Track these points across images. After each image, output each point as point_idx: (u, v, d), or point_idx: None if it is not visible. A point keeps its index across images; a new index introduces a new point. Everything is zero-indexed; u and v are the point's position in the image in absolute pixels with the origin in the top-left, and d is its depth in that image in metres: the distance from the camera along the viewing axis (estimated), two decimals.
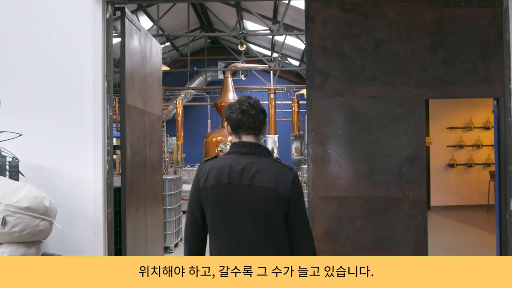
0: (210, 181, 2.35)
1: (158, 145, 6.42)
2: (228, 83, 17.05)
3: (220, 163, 2.39)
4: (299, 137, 16.81)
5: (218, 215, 2.34)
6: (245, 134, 2.43)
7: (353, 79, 4.58)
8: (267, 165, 2.37)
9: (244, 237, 2.31)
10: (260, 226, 2.30)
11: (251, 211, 2.30)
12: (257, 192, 2.30)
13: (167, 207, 7.48)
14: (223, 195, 2.33)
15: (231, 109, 2.43)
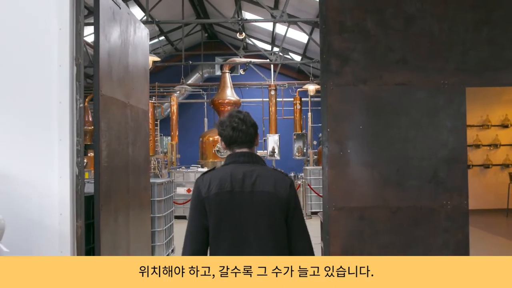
0: (212, 190, 2.48)
1: (144, 144, 5.64)
2: (226, 79, 16.26)
3: (220, 173, 2.53)
4: (301, 136, 16.03)
5: (222, 222, 2.46)
6: (238, 149, 2.59)
7: (378, 63, 3.80)
8: (265, 171, 2.55)
9: (248, 241, 2.43)
10: (263, 230, 2.44)
11: (254, 215, 2.45)
12: (259, 197, 2.46)
13: (155, 215, 6.70)
14: (226, 202, 2.46)
15: (223, 126, 2.58)
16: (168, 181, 7.34)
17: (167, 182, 7.27)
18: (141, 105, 5.50)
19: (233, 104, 16.06)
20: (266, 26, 16.58)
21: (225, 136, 2.59)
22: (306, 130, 16.76)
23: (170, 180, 7.60)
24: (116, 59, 4.51)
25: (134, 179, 5.14)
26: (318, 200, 13.15)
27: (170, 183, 7.54)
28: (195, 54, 20.52)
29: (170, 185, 7.48)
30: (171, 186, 7.54)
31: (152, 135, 15.43)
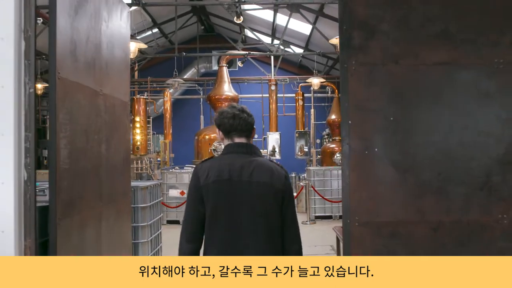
0: (211, 178, 2.59)
1: (122, 141, 4.84)
2: (223, 73, 15.43)
3: (219, 162, 2.66)
4: (304, 135, 15.24)
5: (219, 209, 2.58)
6: (237, 137, 2.70)
7: (413, 36, 3.00)
8: (262, 162, 2.67)
9: (244, 228, 2.56)
10: (259, 217, 2.58)
11: (250, 204, 2.58)
12: (256, 186, 2.59)
13: (138, 224, 5.89)
14: (224, 190, 2.58)
15: (223, 115, 2.71)
16: (155, 185, 6.53)
17: (154, 185, 6.46)
18: (119, 95, 4.70)
19: (231, 100, 15.23)
20: (266, 17, 15.77)
21: (224, 124, 2.68)
22: (309, 128, 15.96)
23: (157, 183, 6.78)
24: (83, 35, 3.70)
25: (109, 183, 4.34)
26: (322, 203, 12.36)
27: (157, 186, 6.73)
28: (190, 48, 19.70)
29: (157, 189, 6.68)
30: (158, 189, 6.74)
31: (144, 133, 14.64)
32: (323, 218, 12.39)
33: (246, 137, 2.71)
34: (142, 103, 14.72)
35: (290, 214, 2.70)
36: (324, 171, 12.57)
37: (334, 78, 16.24)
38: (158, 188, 6.83)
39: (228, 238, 2.56)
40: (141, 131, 14.62)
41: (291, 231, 2.70)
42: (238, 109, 2.72)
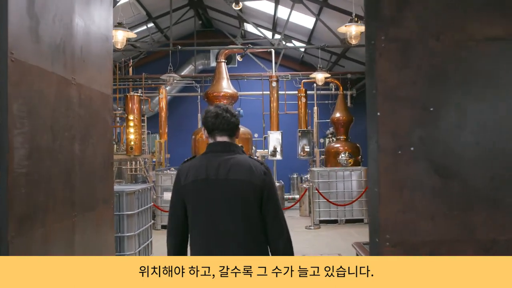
0: (189, 178, 2.72)
1: (103, 141, 4.23)
2: (221, 69, 14.81)
3: (198, 162, 2.77)
4: (306, 134, 14.63)
5: (198, 208, 2.71)
6: (219, 136, 2.78)
7: (460, 4, 2.39)
8: (241, 160, 2.73)
9: (223, 226, 2.65)
10: (237, 215, 2.65)
11: (228, 202, 2.66)
12: (233, 184, 2.66)
13: (124, 234, 5.29)
14: (202, 190, 2.69)
15: (207, 114, 2.82)
16: (144, 189, 5.92)
17: (142, 190, 5.85)
18: (98, 86, 4.09)
19: (230, 97, 14.62)
20: (267, 9, 15.17)
21: (207, 123, 2.79)
22: (312, 126, 15.35)
23: (147, 187, 6.17)
24: (49, 10, 3.09)
25: (86, 189, 3.73)
26: (327, 206, 11.74)
27: (147, 190, 6.12)
28: (187, 44, 19.08)
29: (147, 193, 6.07)
30: (148, 194, 6.13)
31: (138, 133, 14.03)
32: (328, 222, 11.78)
33: (229, 136, 2.79)
34: (136, 101, 14.11)
35: (272, 211, 2.73)
36: (329, 172, 11.96)
37: (338, 74, 15.64)
38: (148, 192, 6.23)
39: (208, 238, 2.67)
40: (135, 130, 14.00)
41: (275, 227, 2.74)
42: (222, 109, 2.80)
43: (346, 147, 14.24)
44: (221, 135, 2.77)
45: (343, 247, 9.29)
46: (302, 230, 11.17)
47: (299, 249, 9.20)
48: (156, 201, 11.59)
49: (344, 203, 11.65)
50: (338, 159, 14.01)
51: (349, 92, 16.09)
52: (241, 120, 3.04)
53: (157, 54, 18.85)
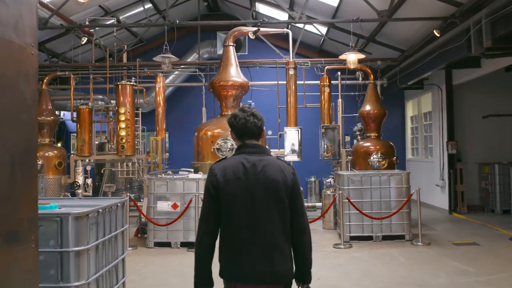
0: (227, 176, 2.96)
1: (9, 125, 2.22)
2: (229, 54, 12.79)
3: (233, 161, 3.04)
4: (332, 130, 12.56)
5: (237, 204, 2.95)
6: (248, 139, 3.10)
7: None
8: (272, 161, 3.05)
9: (260, 221, 2.93)
10: (272, 211, 2.95)
11: (265, 198, 2.95)
12: (268, 182, 2.96)
13: (70, 284, 3.28)
14: (240, 187, 2.95)
15: (236, 119, 3.10)
16: (109, 207, 3.91)
17: (109, 208, 3.84)
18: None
19: (239, 87, 12.59)
20: None
21: (238, 128, 3.09)
22: (336, 122, 13.28)
23: (118, 203, 4.17)
24: None
25: None
26: (360, 219, 9.69)
27: (118, 208, 4.11)
28: (191, 29, 17.13)
29: (116, 212, 4.06)
30: (120, 213, 4.13)
31: (131, 129, 12.04)
32: (361, 239, 9.72)
33: (256, 139, 3.13)
34: (129, 91, 12.11)
35: (300, 208, 3.05)
36: (362, 177, 9.88)
37: (366, 61, 13.55)
38: (119, 210, 4.22)
39: (247, 230, 2.93)
40: (127, 126, 12.01)
41: (301, 222, 3.04)
42: (249, 114, 3.09)
43: (378, 146, 12.15)
44: (250, 139, 3.10)
45: (387, 276, 7.23)
46: (330, 250, 9.11)
47: (330, 279, 7.10)
48: (148, 213, 9.63)
49: (381, 216, 9.59)
50: (369, 161, 11.93)
51: (379, 82, 13.99)
52: None
53: (157, 41, 16.89)
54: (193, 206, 9.27)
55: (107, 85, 13.45)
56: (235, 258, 2.92)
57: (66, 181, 12.61)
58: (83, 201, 4.60)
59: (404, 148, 18.04)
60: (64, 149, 13.33)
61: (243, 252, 2.91)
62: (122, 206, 4.46)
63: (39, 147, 12.60)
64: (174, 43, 12.29)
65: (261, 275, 2.89)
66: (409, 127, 18.15)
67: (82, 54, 15.54)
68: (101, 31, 15.06)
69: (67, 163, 12.76)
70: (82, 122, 12.46)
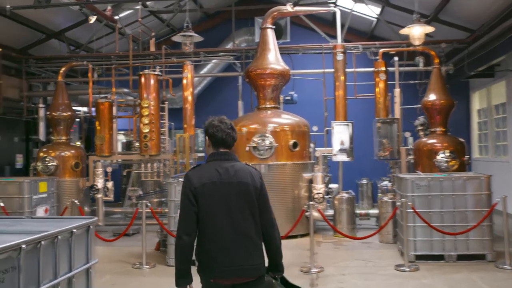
0: (203, 180, 3.27)
1: None
2: (267, 37, 11.18)
3: (208, 167, 3.37)
4: (388, 125, 10.72)
5: (214, 206, 3.25)
6: (223, 149, 3.44)
7: None
8: (242, 166, 3.41)
9: (235, 220, 3.27)
10: (245, 211, 3.31)
11: (238, 200, 3.30)
12: (240, 186, 3.32)
13: None
14: (215, 190, 3.27)
15: (215, 129, 3.40)
16: (56, 236, 2.35)
17: (63, 236, 2.27)
18: None
19: (279, 76, 10.97)
20: None
21: (217, 139, 3.39)
22: (392, 115, 11.41)
23: (74, 229, 2.62)
24: None
25: None
26: (428, 233, 7.85)
27: (74, 237, 2.55)
28: (226, 16, 15.60)
29: (75, 243, 2.50)
30: (82, 243, 2.58)
31: (155, 125, 10.60)
32: (430, 258, 7.86)
33: (230, 148, 3.46)
34: (153, 82, 10.67)
35: (267, 206, 3.42)
36: (430, 182, 8.02)
37: (428, 43, 11.61)
38: (77, 239, 2.66)
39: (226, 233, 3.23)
40: (151, 122, 10.58)
41: (269, 217, 3.41)
42: (229, 127, 3.42)
43: (445, 143, 10.21)
44: (225, 148, 3.42)
45: None
46: (392, 273, 7.31)
47: None
48: (168, 223, 8.11)
49: (455, 231, 7.72)
50: (435, 161, 10.03)
51: (444, 68, 11.99)
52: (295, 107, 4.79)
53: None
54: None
55: (130, 76, 12.07)
56: (214, 255, 3.22)
57: (84, 184, 11.30)
58: (33, 224, 3.11)
59: (470, 146, 15.87)
60: (82, 148, 12.05)
61: (222, 249, 3.22)
62: (87, 231, 2.90)
63: (53, 146, 11.35)
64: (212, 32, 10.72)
65: (239, 269, 3.22)
66: (476, 121, 15.95)
67: (107, 45, 14.27)
68: (125, 19, 13.72)
69: (86, 164, 11.46)
70: (102, 118, 11.12)
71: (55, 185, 9.93)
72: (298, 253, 8.77)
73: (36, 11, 11.12)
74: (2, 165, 12.72)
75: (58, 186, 10.36)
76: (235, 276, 3.22)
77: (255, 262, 3.26)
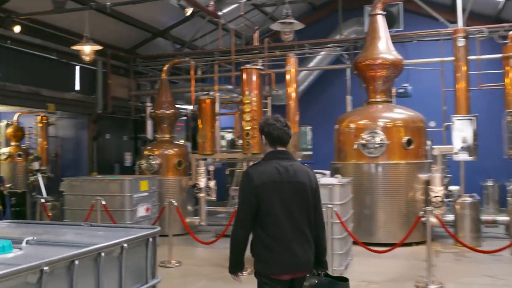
0: (264, 179, 3.38)
1: None
2: (377, 24, 10.28)
3: (267, 166, 3.46)
4: None
5: (274, 204, 3.38)
6: (280, 147, 3.55)
7: None
8: (300, 166, 3.56)
9: (294, 218, 3.42)
10: (302, 210, 3.45)
11: (296, 199, 3.44)
12: (299, 186, 3.46)
13: None
14: (276, 189, 3.39)
15: (271, 127, 3.53)
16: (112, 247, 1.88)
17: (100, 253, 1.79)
18: None
19: (390, 66, 10.03)
20: None
21: (274, 136, 3.51)
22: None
23: (125, 243, 2.15)
24: None
25: None
26: None
27: (125, 251, 2.09)
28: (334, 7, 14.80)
29: (126, 257, 2.04)
30: (141, 256, 2.11)
31: (257, 121, 10.14)
32: None
33: (285, 146, 3.58)
34: (255, 77, 10.23)
35: (320, 207, 3.61)
36: None
37: None
38: (131, 253, 2.19)
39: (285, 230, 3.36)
40: (253, 118, 10.14)
41: (321, 219, 3.63)
42: (284, 125, 3.53)
43: None
44: (282, 146, 3.53)
45: None
46: None
47: None
48: None
49: None
50: None
51: None
52: (409, 101, 4.10)
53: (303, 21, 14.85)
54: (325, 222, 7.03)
55: (232, 72, 11.76)
56: (276, 251, 3.37)
57: (187, 183, 11.18)
58: (86, 234, 2.70)
59: None
60: (185, 146, 11.99)
61: (284, 246, 3.38)
62: (146, 243, 2.42)
63: (157, 144, 11.37)
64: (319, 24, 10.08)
65: (298, 264, 3.42)
66: None
67: (211, 43, 14.15)
68: (229, 15, 13.48)
69: (188, 163, 11.35)
70: (204, 115, 10.88)
71: (157, 184, 9.88)
72: (412, 264, 7.81)
73: (143, 11, 11.22)
74: (112, 163, 13.09)
75: (161, 185, 10.33)
76: (296, 271, 3.44)
77: (310, 257, 3.49)
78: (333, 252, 6.97)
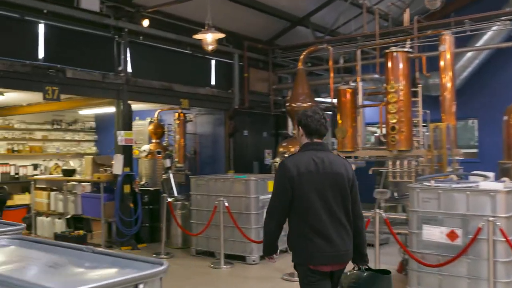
0: (300, 170, 3.43)
1: None
2: None
3: (304, 157, 3.52)
4: None
5: (312, 195, 3.42)
6: (316, 138, 3.60)
7: None
8: (336, 157, 3.60)
9: (332, 209, 3.43)
10: (339, 201, 3.46)
11: (333, 189, 3.44)
12: (336, 176, 3.46)
13: None
14: (312, 180, 3.42)
15: (309, 119, 3.58)
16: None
17: None
18: None
19: None
20: None
21: (312, 128, 3.56)
22: None
23: None
24: None
25: None
26: None
27: None
28: None
29: None
30: None
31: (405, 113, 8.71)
32: None
33: (322, 138, 3.62)
34: (402, 61, 8.80)
35: (357, 197, 3.58)
36: None
37: None
38: None
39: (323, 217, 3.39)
40: (400, 110, 8.74)
41: (359, 209, 3.60)
42: (322, 117, 3.58)
43: None
44: (318, 138, 3.59)
45: None
46: None
47: None
48: (410, 242, 6.22)
49: None
50: None
51: None
52: None
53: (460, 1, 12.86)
54: (484, 239, 5.49)
55: (377, 58, 10.39)
56: (316, 242, 3.38)
57: None
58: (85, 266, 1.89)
59: None
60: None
61: (324, 236, 3.38)
62: None
63: (293, 141, 10.51)
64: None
65: (338, 255, 3.43)
66: None
67: (356, 30, 12.81)
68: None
69: None
70: (343, 108, 9.76)
71: None
72: None
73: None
74: (251, 160, 12.56)
75: None
76: (335, 262, 3.46)
77: (350, 248, 3.50)
78: (495, 280, 5.41)
